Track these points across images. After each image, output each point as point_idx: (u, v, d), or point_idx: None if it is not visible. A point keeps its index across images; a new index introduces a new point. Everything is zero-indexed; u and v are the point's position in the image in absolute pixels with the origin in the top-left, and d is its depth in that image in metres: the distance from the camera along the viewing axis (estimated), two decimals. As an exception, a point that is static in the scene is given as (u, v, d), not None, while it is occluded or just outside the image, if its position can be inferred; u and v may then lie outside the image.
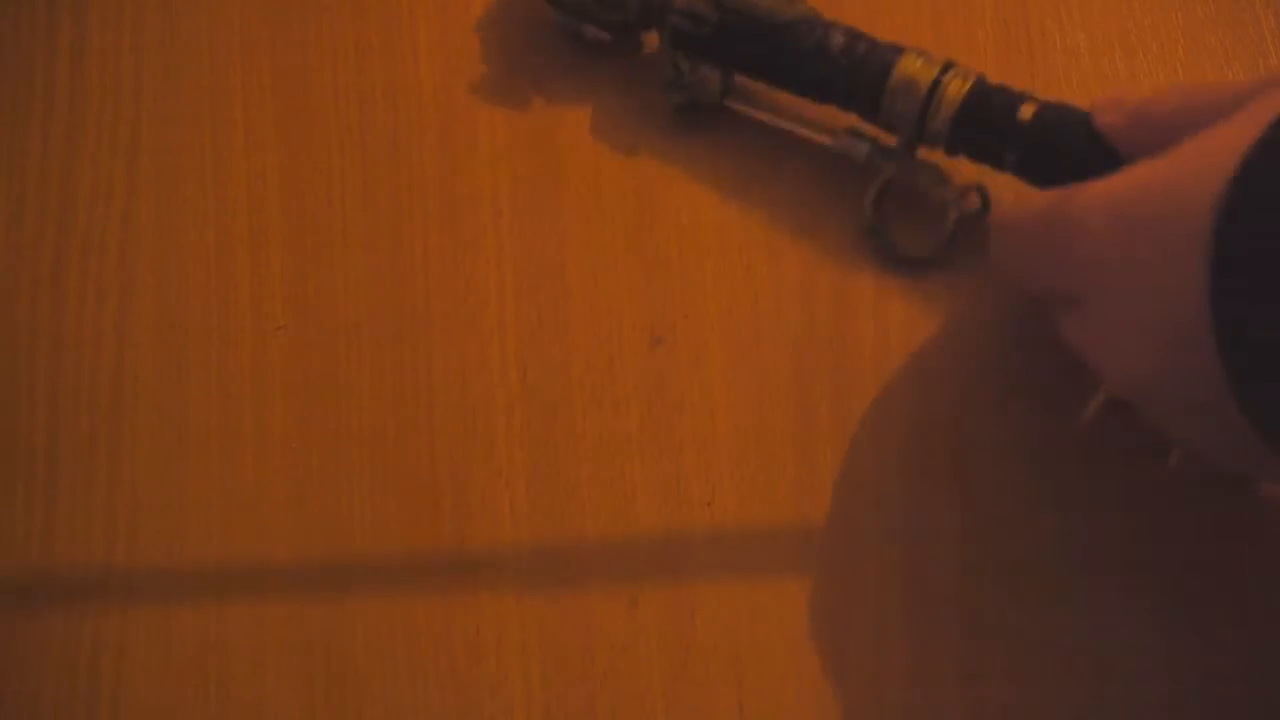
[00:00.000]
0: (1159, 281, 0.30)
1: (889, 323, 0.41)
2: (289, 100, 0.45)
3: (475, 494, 0.41)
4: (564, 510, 0.41)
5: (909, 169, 0.41)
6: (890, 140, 0.40)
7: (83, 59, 0.46)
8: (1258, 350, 0.28)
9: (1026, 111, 0.38)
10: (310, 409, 0.42)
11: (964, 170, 0.41)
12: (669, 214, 0.43)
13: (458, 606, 0.40)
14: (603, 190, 0.43)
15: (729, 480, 0.41)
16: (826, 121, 0.42)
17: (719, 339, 0.42)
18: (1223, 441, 0.33)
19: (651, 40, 0.44)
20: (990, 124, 0.38)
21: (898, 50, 0.39)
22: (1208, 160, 0.29)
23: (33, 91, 0.45)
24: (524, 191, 0.43)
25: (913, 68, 0.39)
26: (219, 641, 0.40)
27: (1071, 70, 0.43)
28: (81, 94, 0.45)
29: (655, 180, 0.43)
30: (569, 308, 0.42)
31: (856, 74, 0.39)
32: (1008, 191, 0.40)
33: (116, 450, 0.42)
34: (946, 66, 0.39)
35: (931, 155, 0.41)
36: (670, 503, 0.40)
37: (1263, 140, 0.28)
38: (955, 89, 0.38)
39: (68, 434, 0.42)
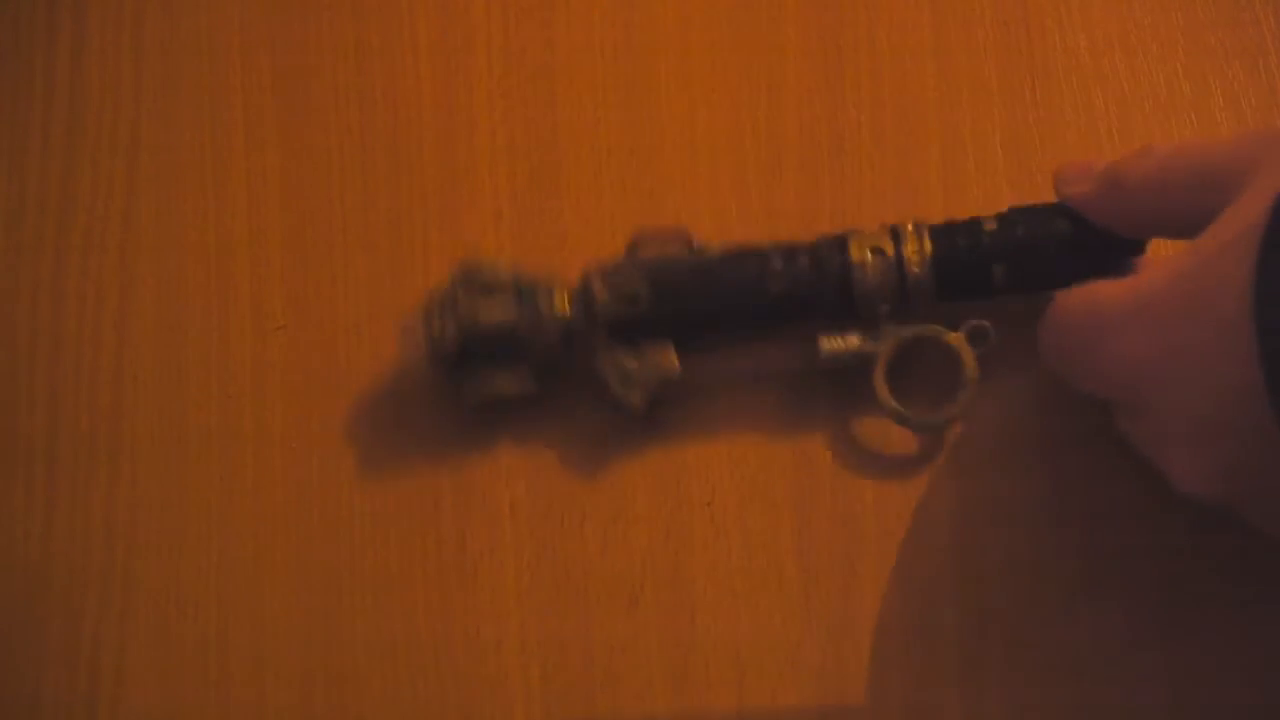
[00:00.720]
0: (1205, 375, 0.30)
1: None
2: (289, 100, 0.45)
3: (475, 494, 0.41)
4: (564, 510, 0.41)
5: (904, 339, 0.38)
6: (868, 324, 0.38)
7: (83, 59, 0.46)
8: None
9: (989, 224, 0.37)
10: (310, 409, 0.42)
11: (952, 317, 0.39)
12: (668, 214, 0.43)
13: (458, 606, 0.40)
14: (602, 190, 0.43)
15: (729, 480, 0.41)
16: (789, 344, 0.40)
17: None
18: None
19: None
20: (966, 250, 0.37)
21: (839, 237, 0.38)
22: (1229, 251, 0.30)
23: (33, 91, 0.45)
24: (524, 191, 0.43)
25: (867, 243, 0.38)
26: (219, 641, 0.40)
27: (1071, 71, 0.43)
28: (81, 94, 0.45)
29: (657, 183, 0.43)
30: (569, 308, 0.42)
31: (817, 277, 0.38)
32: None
33: (116, 450, 0.42)
34: (893, 229, 0.38)
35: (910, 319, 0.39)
36: (670, 503, 0.40)
37: (1271, 224, 0.28)
38: (914, 241, 0.38)
39: (68, 434, 0.42)
